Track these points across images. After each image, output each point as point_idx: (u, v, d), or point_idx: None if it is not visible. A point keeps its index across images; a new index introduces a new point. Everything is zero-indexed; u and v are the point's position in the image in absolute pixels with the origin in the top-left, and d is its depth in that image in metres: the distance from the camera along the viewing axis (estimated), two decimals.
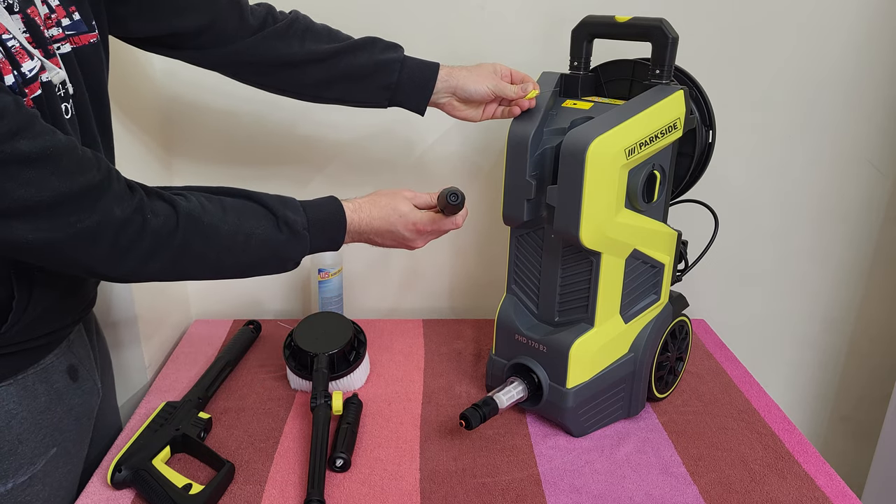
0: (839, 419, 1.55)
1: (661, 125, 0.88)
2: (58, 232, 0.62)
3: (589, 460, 0.94)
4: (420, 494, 0.87)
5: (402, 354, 1.20)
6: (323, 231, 0.83)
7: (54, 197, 0.60)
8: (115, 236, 0.66)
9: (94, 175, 0.64)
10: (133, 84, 1.11)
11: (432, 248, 1.34)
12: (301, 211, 0.82)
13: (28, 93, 0.64)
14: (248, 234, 0.76)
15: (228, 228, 0.74)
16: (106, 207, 0.64)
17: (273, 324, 1.28)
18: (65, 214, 0.62)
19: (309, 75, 0.93)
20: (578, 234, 0.87)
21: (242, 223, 0.76)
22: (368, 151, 1.26)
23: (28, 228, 0.61)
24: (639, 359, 0.99)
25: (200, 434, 0.94)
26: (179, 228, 0.70)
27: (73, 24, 0.72)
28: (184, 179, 1.26)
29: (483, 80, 0.94)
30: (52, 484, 0.80)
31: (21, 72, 0.63)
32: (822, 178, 1.34)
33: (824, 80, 1.26)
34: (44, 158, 0.59)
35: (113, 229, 0.65)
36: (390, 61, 0.93)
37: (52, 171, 0.60)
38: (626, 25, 0.93)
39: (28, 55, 0.64)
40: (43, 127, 0.60)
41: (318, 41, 0.92)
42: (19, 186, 0.58)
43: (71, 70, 0.72)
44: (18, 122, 0.57)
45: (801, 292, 1.43)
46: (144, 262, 0.69)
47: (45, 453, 0.78)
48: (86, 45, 0.74)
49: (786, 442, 0.98)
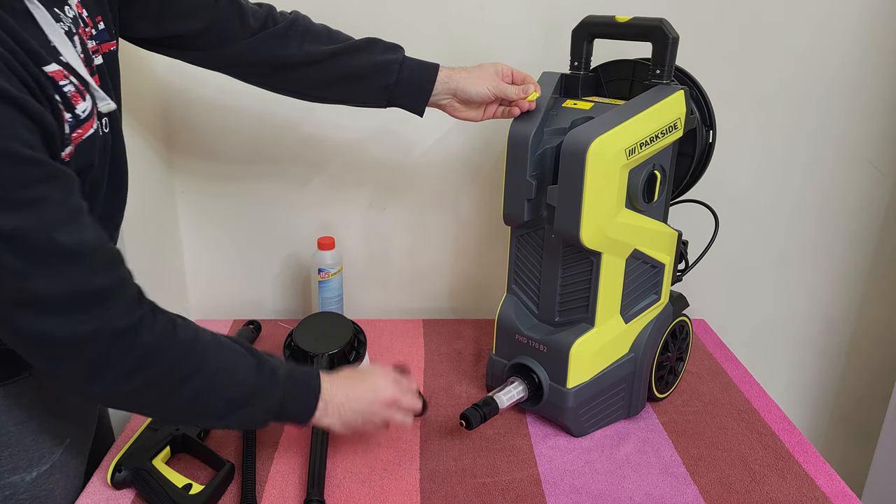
0: (839, 419, 1.55)
1: (662, 125, 0.88)
2: (56, 331, 0.60)
3: (589, 460, 0.94)
4: (420, 494, 0.87)
5: (402, 354, 1.20)
6: (298, 386, 0.78)
7: (67, 293, 0.59)
8: (105, 345, 0.62)
9: (109, 280, 0.62)
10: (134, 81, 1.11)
11: (432, 248, 1.34)
12: (281, 364, 0.78)
13: (81, 133, 0.64)
14: (232, 368, 0.72)
15: (214, 362, 0.71)
16: (110, 316, 0.62)
17: (273, 324, 1.28)
18: (71, 312, 0.60)
19: (307, 76, 0.93)
20: (579, 234, 0.87)
21: (225, 360, 0.72)
22: (369, 151, 1.26)
23: (29, 320, 0.59)
24: (639, 359, 0.99)
25: (200, 434, 0.94)
26: (169, 353, 0.67)
27: (98, 33, 0.73)
28: (184, 176, 1.26)
29: (484, 81, 0.94)
30: (69, 473, 0.83)
31: (75, 114, 0.63)
32: (822, 179, 1.33)
33: (825, 80, 1.26)
34: (72, 255, 0.58)
35: (107, 338, 0.62)
36: (389, 62, 0.93)
37: (74, 266, 0.59)
38: (626, 25, 0.93)
39: (81, 96, 0.64)
40: (85, 220, 0.60)
41: (316, 42, 0.93)
42: (41, 275, 0.57)
43: (104, 80, 0.73)
44: (64, 215, 0.58)
45: (801, 292, 1.43)
46: (124, 377, 0.65)
47: (61, 443, 0.81)
48: (107, 54, 0.75)
49: (786, 442, 0.98)
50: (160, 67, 1.17)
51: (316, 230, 1.31)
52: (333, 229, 1.31)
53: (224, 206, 1.29)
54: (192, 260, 1.32)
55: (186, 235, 1.30)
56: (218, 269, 1.33)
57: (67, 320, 0.60)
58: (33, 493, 0.78)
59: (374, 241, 1.33)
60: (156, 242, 1.20)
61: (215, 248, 1.32)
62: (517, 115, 0.94)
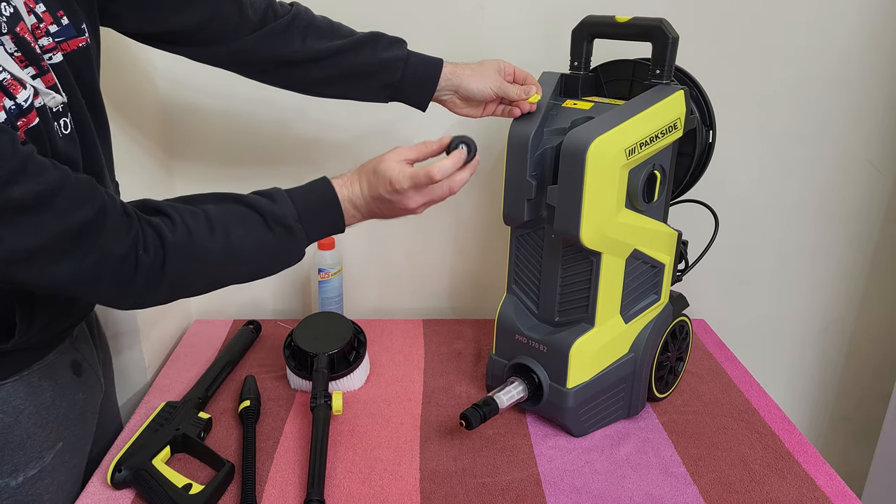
0: (839, 419, 1.55)
1: (662, 125, 0.88)
2: (60, 273, 0.62)
3: (589, 460, 0.94)
4: (420, 494, 0.87)
5: (402, 354, 1.20)
6: (317, 216, 0.80)
7: (52, 239, 0.60)
8: (114, 273, 0.65)
9: (88, 211, 0.62)
10: (131, 84, 1.11)
11: (432, 248, 1.34)
12: (289, 202, 0.78)
13: (26, 122, 0.62)
14: (240, 245, 0.74)
15: (218, 246, 0.72)
16: (104, 245, 0.63)
17: (273, 324, 1.28)
18: (64, 254, 0.61)
19: (311, 74, 0.93)
20: (579, 234, 0.87)
21: (231, 235, 0.73)
22: (368, 151, 1.25)
23: (31, 272, 0.60)
24: (639, 359, 0.99)
25: (200, 434, 0.94)
26: (168, 261, 0.69)
27: (61, 29, 0.69)
28: (184, 179, 1.26)
29: (486, 80, 0.94)
30: (60, 477, 0.81)
31: (17, 103, 0.61)
32: (822, 179, 1.34)
33: (825, 80, 1.26)
34: (38, 203, 0.58)
35: (112, 267, 0.65)
36: (393, 59, 0.92)
37: (46, 213, 0.59)
38: (626, 25, 0.93)
39: (21, 85, 0.62)
40: (36, 167, 0.59)
41: (319, 38, 0.92)
42: (16, 233, 0.57)
43: (64, 79, 0.69)
44: (13, 167, 0.56)
45: (801, 292, 1.43)
46: (144, 295, 0.69)
47: (52, 447, 0.79)
48: (75, 50, 0.71)
49: (786, 442, 0.98)
50: (158, 70, 1.17)
51: None
52: None
53: None
54: None
55: None
56: None
57: (64, 263, 0.61)
58: (17, 499, 0.76)
59: (374, 241, 1.33)
60: None
61: None
62: (517, 115, 0.94)
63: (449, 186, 0.82)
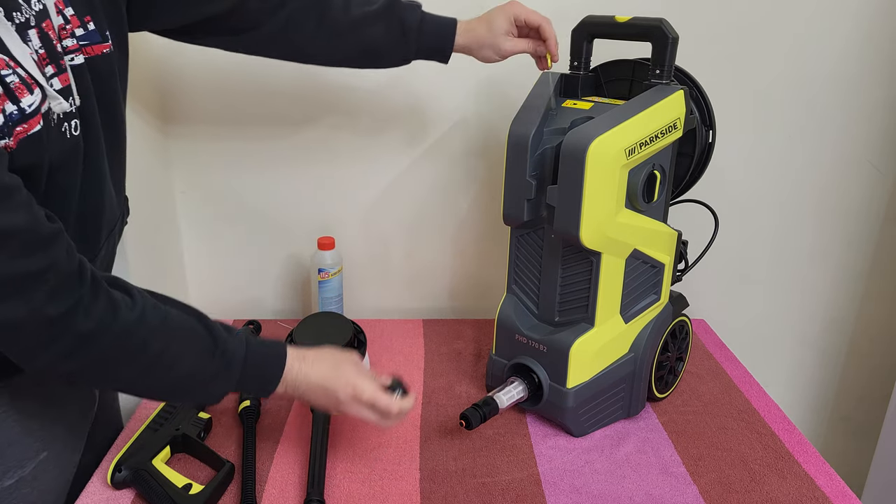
0: (839, 419, 1.55)
1: (661, 125, 0.88)
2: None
3: (589, 460, 0.94)
4: (420, 494, 0.87)
5: (402, 354, 1.20)
6: (258, 371, 0.77)
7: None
8: (37, 332, 0.61)
9: (36, 262, 0.59)
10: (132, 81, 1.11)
11: (432, 249, 1.34)
12: (243, 344, 0.76)
13: (26, 129, 0.60)
14: (177, 357, 0.70)
15: (158, 346, 0.69)
16: (38, 302, 0.60)
17: (273, 324, 1.28)
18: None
19: (325, 50, 0.96)
20: (578, 234, 0.87)
21: (172, 345, 0.70)
22: (368, 151, 1.26)
23: None
24: (639, 359, 0.99)
25: (200, 434, 0.94)
26: (108, 336, 0.65)
27: (87, 34, 0.71)
28: (185, 177, 1.26)
29: (494, 50, 0.96)
30: (41, 487, 0.79)
31: (21, 107, 0.60)
32: (822, 178, 1.34)
33: (824, 79, 1.26)
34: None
35: (39, 325, 0.61)
36: (407, 31, 0.94)
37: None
38: (626, 25, 0.93)
39: (28, 89, 0.60)
40: (11, 203, 0.57)
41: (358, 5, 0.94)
42: None
43: (82, 81, 0.70)
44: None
45: (801, 292, 1.43)
46: (58, 362, 0.64)
47: (34, 457, 0.77)
48: (99, 56, 0.73)
49: (786, 442, 0.98)
50: (157, 64, 1.17)
51: (316, 230, 1.31)
52: (333, 229, 1.31)
53: (224, 205, 1.29)
54: (192, 260, 1.32)
55: (186, 235, 1.30)
56: (218, 268, 1.33)
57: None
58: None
59: (374, 241, 1.33)
60: (156, 242, 1.20)
61: (215, 248, 1.32)
62: None
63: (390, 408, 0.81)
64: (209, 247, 1.31)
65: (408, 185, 1.29)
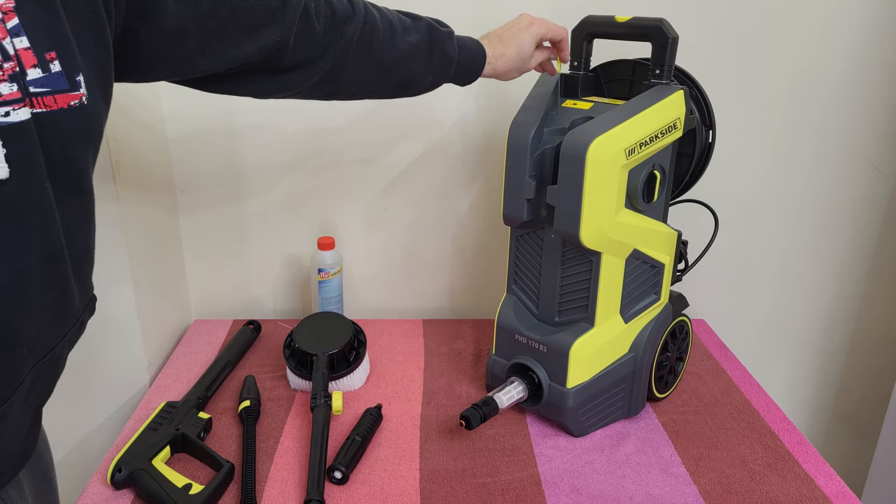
0: (839, 419, 1.55)
1: (661, 125, 0.88)
2: None
3: (589, 460, 0.94)
4: (420, 494, 0.87)
5: (402, 354, 1.20)
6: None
7: None
8: None
9: None
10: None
11: (432, 248, 1.34)
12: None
13: None
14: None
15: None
16: None
17: (273, 324, 1.28)
18: None
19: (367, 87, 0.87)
20: (578, 234, 0.87)
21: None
22: (369, 151, 1.26)
23: None
24: (639, 359, 0.99)
25: (200, 434, 0.94)
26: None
27: (45, 78, 0.51)
28: (184, 177, 1.26)
29: (523, 67, 0.96)
30: None
31: None
32: (822, 178, 1.34)
33: (824, 80, 1.26)
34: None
35: None
36: (446, 65, 0.90)
37: None
38: (626, 25, 0.93)
39: None
40: None
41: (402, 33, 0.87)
42: None
43: (16, 148, 0.49)
44: None
45: (801, 292, 1.43)
46: None
47: None
48: (61, 111, 0.52)
49: (786, 442, 0.98)
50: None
51: (316, 230, 1.31)
52: (333, 229, 1.31)
53: (224, 206, 1.29)
54: (192, 260, 1.32)
55: (186, 235, 1.30)
56: (218, 268, 1.33)
57: None
58: None
59: (374, 241, 1.33)
60: (156, 242, 1.20)
61: (215, 248, 1.32)
62: None
63: None
64: (209, 247, 1.31)
65: (408, 185, 1.29)
